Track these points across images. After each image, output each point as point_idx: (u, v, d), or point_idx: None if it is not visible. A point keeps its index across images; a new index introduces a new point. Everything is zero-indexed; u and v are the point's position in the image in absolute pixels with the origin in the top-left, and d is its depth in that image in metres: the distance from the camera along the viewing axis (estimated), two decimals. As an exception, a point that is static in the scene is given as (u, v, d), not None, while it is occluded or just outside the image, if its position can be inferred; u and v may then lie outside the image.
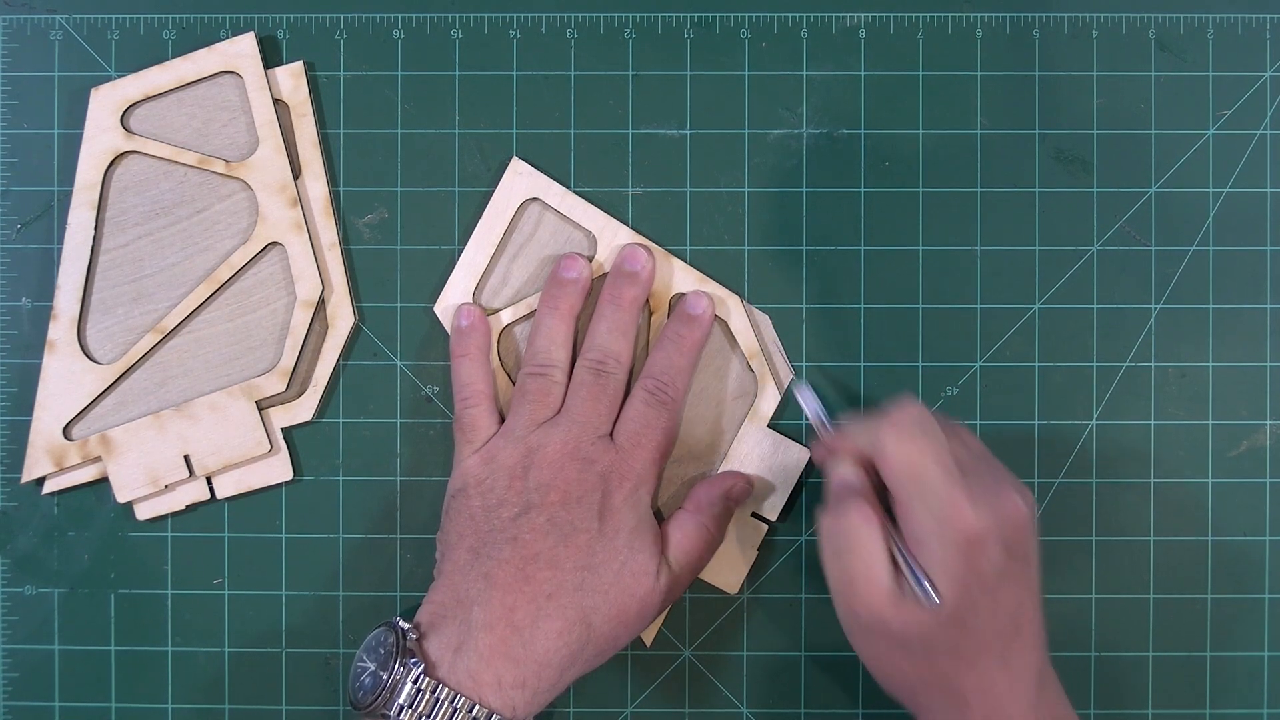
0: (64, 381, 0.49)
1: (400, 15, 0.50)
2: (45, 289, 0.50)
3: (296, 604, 0.50)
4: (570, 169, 0.50)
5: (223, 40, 0.50)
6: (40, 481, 0.49)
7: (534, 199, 0.50)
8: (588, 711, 0.50)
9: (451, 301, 0.50)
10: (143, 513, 0.49)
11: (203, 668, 0.50)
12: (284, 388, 0.49)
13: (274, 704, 0.50)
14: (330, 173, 0.50)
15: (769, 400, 0.49)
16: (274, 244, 0.49)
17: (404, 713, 0.41)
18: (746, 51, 0.50)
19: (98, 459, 0.49)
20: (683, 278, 0.50)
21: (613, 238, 0.49)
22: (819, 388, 0.49)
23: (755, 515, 0.49)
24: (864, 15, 0.50)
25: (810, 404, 0.47)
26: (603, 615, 0.44)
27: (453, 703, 0.41)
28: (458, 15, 0.50)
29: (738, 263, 0.50)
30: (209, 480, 0.49)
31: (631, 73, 0.50)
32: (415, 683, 0.41)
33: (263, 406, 0.49)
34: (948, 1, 0.50)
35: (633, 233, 0.50)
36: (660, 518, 0.48)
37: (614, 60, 0.50)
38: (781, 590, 0.50)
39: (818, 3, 0.50)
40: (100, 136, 0.49)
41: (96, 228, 0.49)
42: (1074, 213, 0.50)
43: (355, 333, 0.50)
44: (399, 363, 0.50)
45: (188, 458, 0.49)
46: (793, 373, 0.49)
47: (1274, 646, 0.50)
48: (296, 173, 0.50)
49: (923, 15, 0.50)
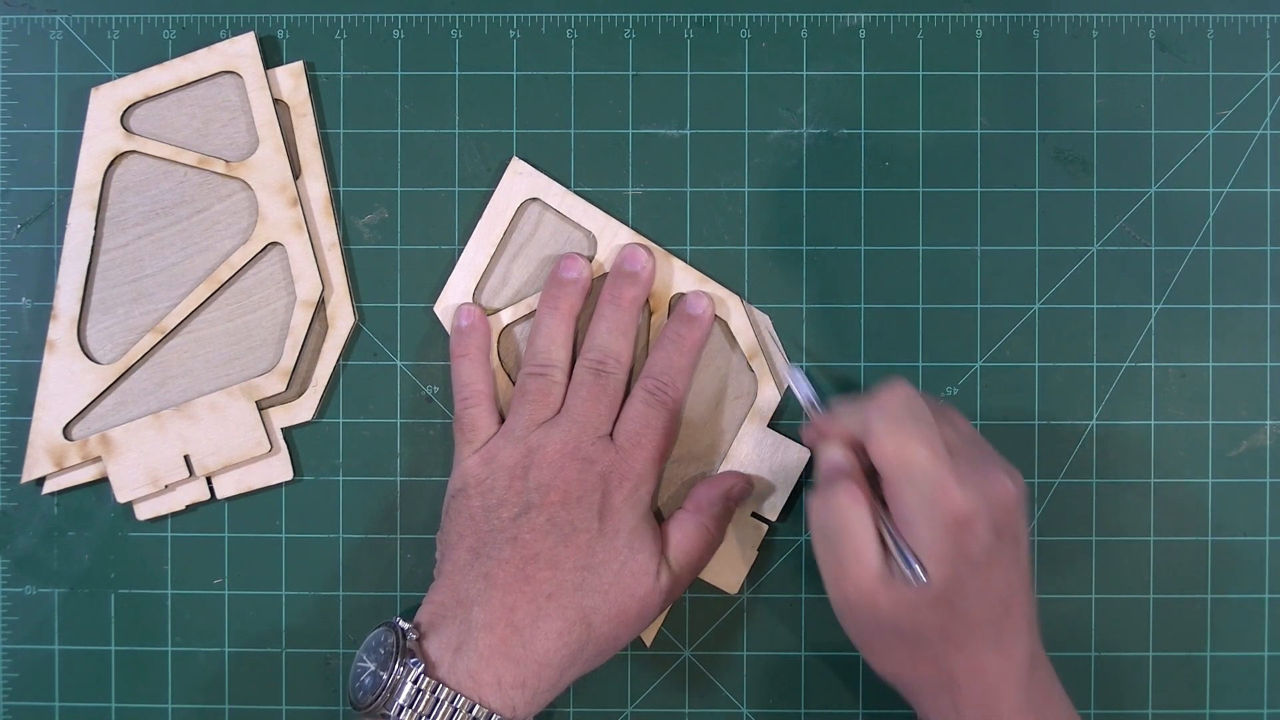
0: (64, 381, 0.49)
1: (400, 15, 0.50)
2: (45, 289, 0.50)
3: (296, 604, 0.50)
4: (570, 169, 0.50)
5: (223, 40, 0.50)
6: (40, 481, 0.49)
7: (534, 199, 0.50)
8: (588, 711, 0.50)
9: (451, 301, 0.50)
10: (143, 513, 0.49)
11: (203, 668, 0.50)
12: (284, 388, 0.49)
13: (274, 704, 0.50)
14: (330, 173, 0.50)
15: (769, 400, 0.49)
16: (274, 244, 0.49)
17: (404, 713, 0.41)
18: (746, 51, 0.50)
19: (98, 459, 0.49)
20: (683, 278, 0.50)
21: (613, 238, 0.49)
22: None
23: (755, 515, 0.49)
24: (864, 15, 0.50)
25: (801, 387, 0.47)
26: (603, 615, 0.44)
27: (453, 703, 0.41)
28: (458, 15, 0.50)
29: (738, 263, 0.50)
30: (209, 480, 0.49)
31: (631, 73, 0.50)
32: (415, 683, 0.41)
33: (263, 406, 0.49)
34: (948, 1, 0.50)
35: (633, 233, 0.50)
36: (660, 518, 0.48)
37: (614, 60, 0.50)
38: (781, 590, 0.50)
39: (818, 3, 0.50)
40: (100, 136, 0.49)
41: (96, 228, 0.49)
42: (1074, 213, 0.50)
43: (355, 333, 0.50)
44: (399, 363, 0.50)
45: (188, 458, 0.49)
46: (788, 361, 0.49)
47: (1274, 646, 0.49)
48: (296, 173, 0.50)
49: (923, 15, 0.50)
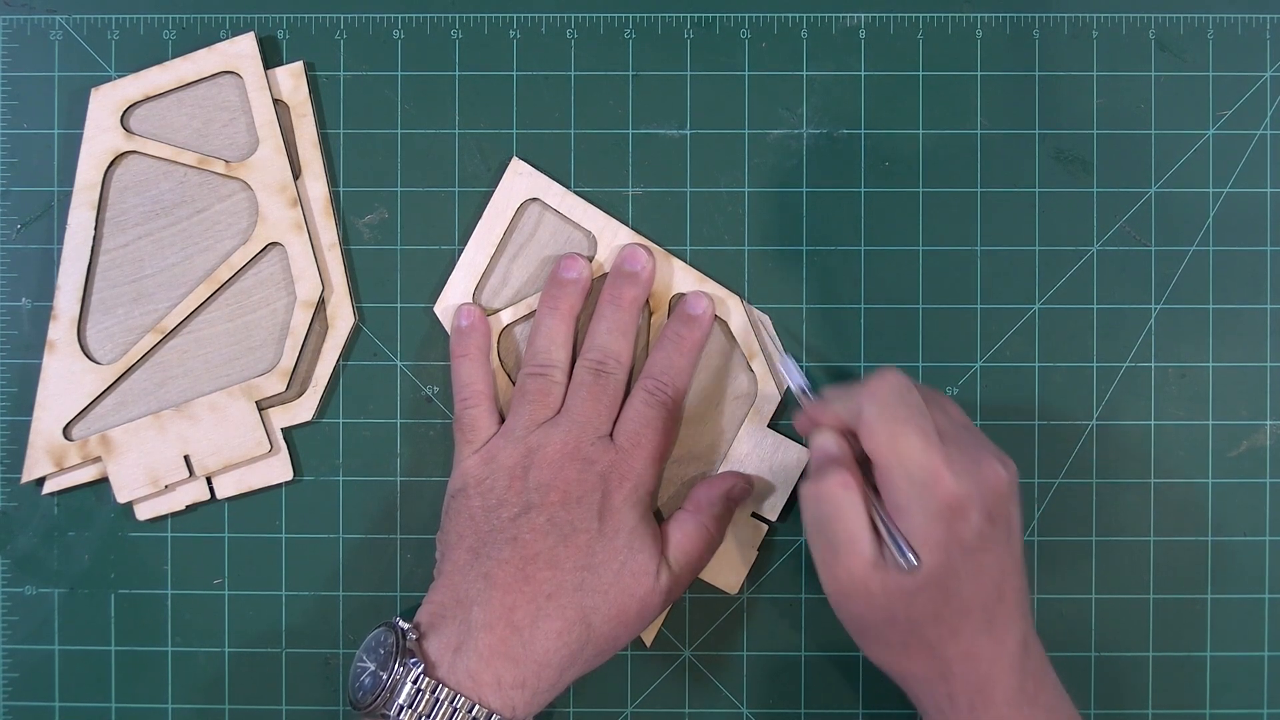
0: (64, 381, 0.49)
1: (400, 15, 0.50)
2: (45, 289, 0.50)
3: (296, 604, 0.50)
4: (570, 169, 0.50)
5: (223, 40, 0.50)
6: (40, 481, 0.49)
7: (534, 199, 0.50)
8: (588, 711, 0.50)
9: (451, 301, 0.50)
10: (143, 513, 0.49)
11: (203, 668, 0.50)
12: (284, 388, 0.49)
13: (274, 704, 0.50)
14: (330, 173, 0.50)
15: (769, 400, 0.49)
16: (274, 244, 0.49)
17: (404, 713, 0.41)
18: (746, 51, 0.50)
19: (98, 459, 0.49)
20: (683, 278, 0.50)
21: (613, 238, 0.49)
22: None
23: (755, 515, 0.49)
24: (864, 15, 0.50)
25: (794, 376, 0.47)
26: (602, 615, 0.44)
27: (452, 703, 0.41)
28: (458, 15, 0.50)
29: (738, 263, 0.50)
30: (209, 480, 0.49)
31: (631, 73, 0.50)
32: (415, 683, 0.41)
33: (263, 406, 0.49)
34: (948, 1, 0.50)
35: (633, 233, 0.50)
36: (660, 518, 0.48)
37: (614, 60, 0.50)
38: (781, 590, 0.50)
39: (818, 3, 0.50)
40: (100, 136, 0.49)
41: (96, 228, 0.49)
42: (1074, 213, 0.50)
43: (355, 333, 0.50)
44: (399, 363, 0.50)
45: (188, 458, 0.49)
46: (782, 351, 0.49)
47: (1274, 646, 0.49)
48: (296, 173, 0.50)
49: (923, 15, 0.50)
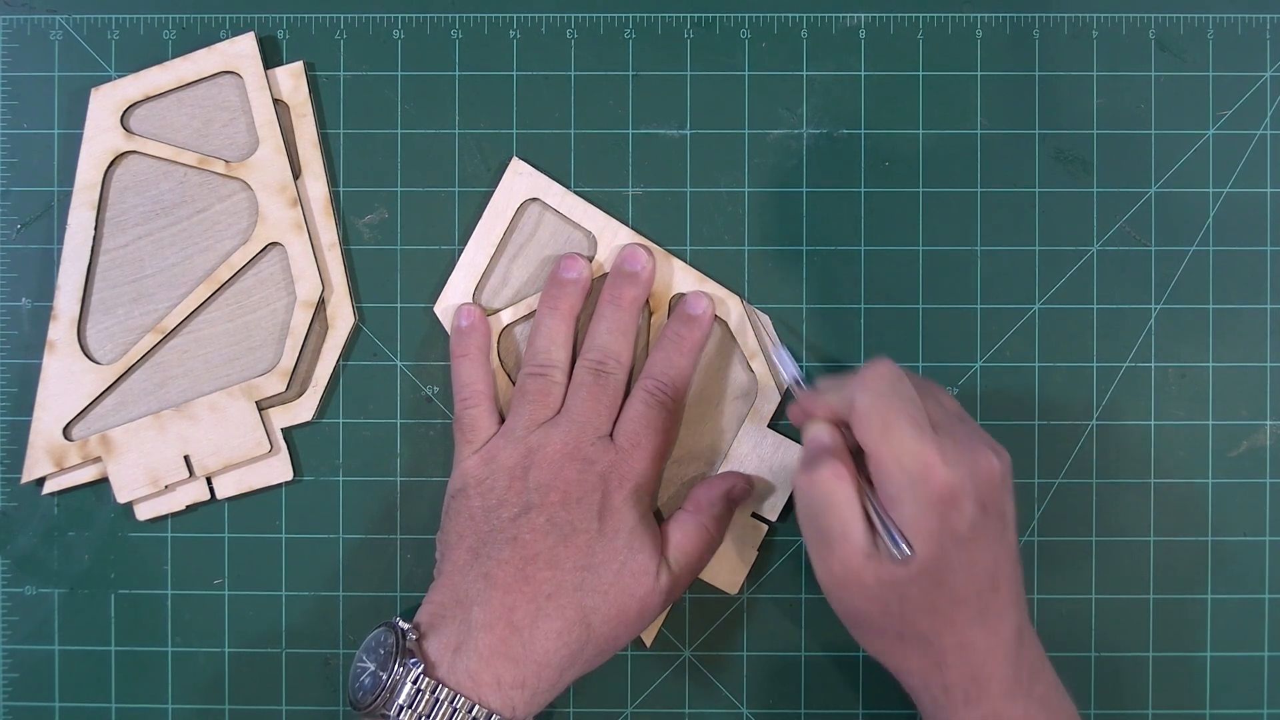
0: (64, 381, 0.49)
1: (400, 15, 0.50)
2: (45, 289, 0.50)
3: (296, 604, 0.50)
4: (570, 169, 0.50)
5: (223, 40, 0.50)
6: (40, 481, 0.49)
7: (534, 199, 0.50)
8: (588, 711, 0.50)
9: (451, 301, 0.50)
10: (143, 513, 0.49)
11: (203, 668, 0.50)
12: (284, 388, 0.49)
13: (274, 704, 0.50)
14: (330, 173, 0.50)
15: (769, 400, 0.49)
16: (274, 244, 0.49)
17: (404, 713, 0.41)
18: (746, 51, 0.50)
19: (98, 459, 0.49)
20: (683, 278, 0.50)
21: (613, 238, 0.49)
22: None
23: (755, 515, 0.49)
24: (864, 15, 0.50)
25: (788, 367, 0.47)
26: (602, 615, 0.44)
27: (452, 703, 0.41)
28: (458, 15, 0.50)
29: (738, 263, 0.50)
30: (209, 480, 0.49)
31: (631, 73, 0.50)
32: (415, 683, 0.41)
33: (263, 406, 0.49)
34: (948, 1, 0.50)
35: (633, 233, 0.50)
36: (660, 518, 0.48)
37: (614, 60, 0.50)
38: (781, 590, 0.50)
39: (818, 3, 0.50)
40: (100, 136, 0.49)
41: (96, 228, 0.49)
42: (1074, 213, 0.50)
43: (355, 333, 0.50)
44: (399, 363, 0.50)
45: (188, 458, 0.49)
46: (775, 342, 0.49)
47: (1274, 646, 0.49)
48: (296, 173, 0.50)
49: (923, 15, 0.50)
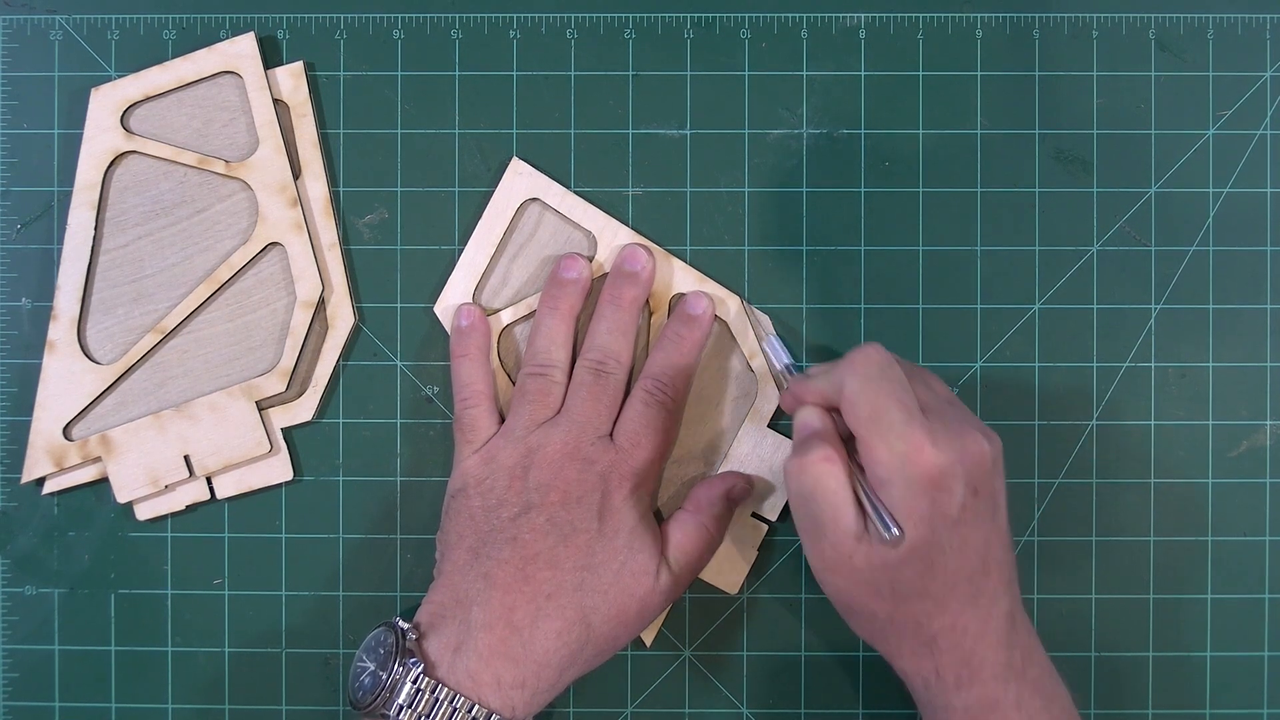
0: (64, 381, 0.49)
1: (400, 15, 0.50)
2: (45, 289, 0.50)
3: (296, 604, 0.50)
4: (570, 169, 0.50)
5: (223, 40, 0.50)
6: (40, 481, 0.49)
7: (534, 199, 0.50)
8: (588, 711, 0.50)
9: (451, 301, 0.50)
10: (143, 513, 0.49)
11: (203, 668, 0.50)
12: (284, 388, 0.49)
13: (274, 704, 0.50)
14: (330, 173, 0.50)
15: (769, 400, 0.49)
16: (274, 244, 0.49)
17: (403, 712, 0.41)
18: (746, 51, 0.50)
19: (98, 459, 0.49)
20: (683, 278, 0.50)
21: (613, 238, 0.49)
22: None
23: (755, 515, 0.49)
24: (864, 15, 0.50)
25: (779, 355, 0.47)
26: (602, 615, 0.44)
27: (452, 703, 0.41)
28: (458, 15, 0.50)
29: (738, 263, 0.50)
30: (209, 480, 0.49)
31: (631, 73, 0.50)
32: (414, 683, 0.41)
33: (263, 406, 0.49)
34: (948, 1, 0.50)
35: (633, 233, 0.50)
36: (660, 518, 0.48)
37: (614, 60, 0.50)
38: (781, 590, 0.50)
39: (818, 3, 0.50)
40: (100, 136, 0.49)
41: (96, 228, 0.49)
42: (1074, 213, 0.50)
43: (355, 333, 0.50)
44: (399, 363, 0.50)
45: (188, 458, 0.49)
46: (766, 331, 0.49)
47: (1274, 646, 0.49)
48: (296, 173, 0.50)
49: (923, 15, 0.50)
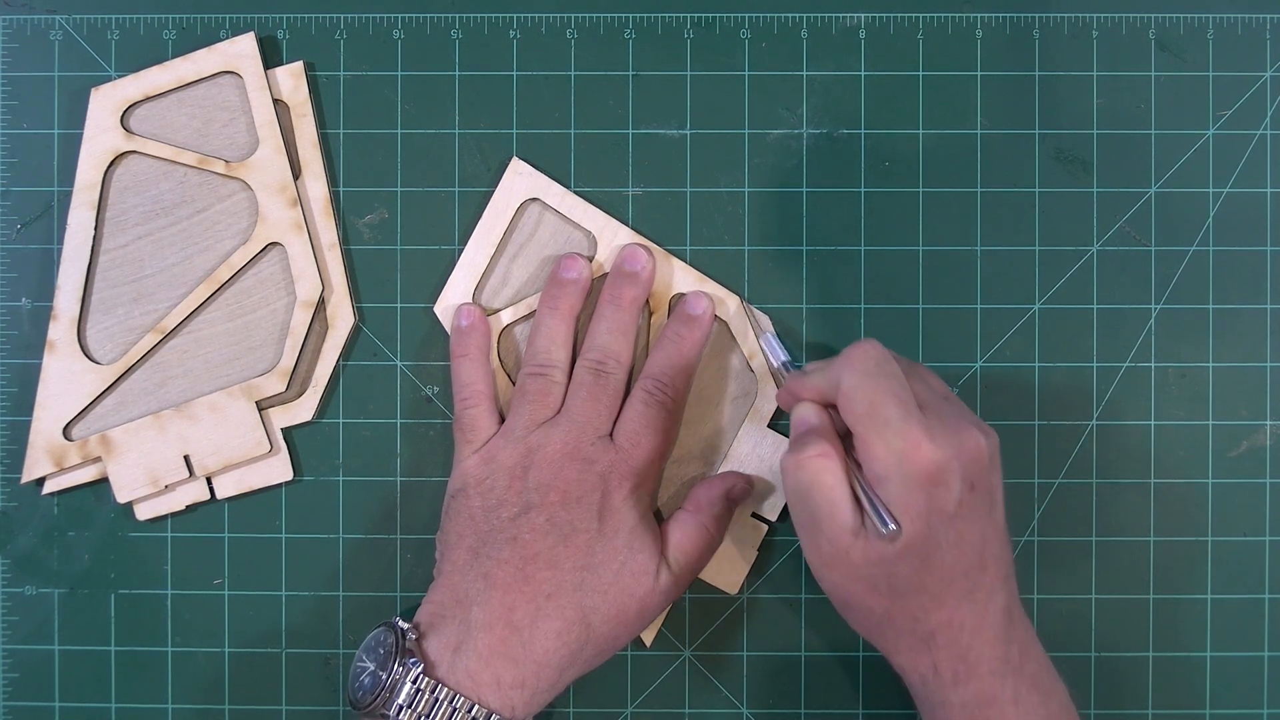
0: (64, 381, 0.49)
1: (400, 15, 0.50)
2: (45, 289, 0.50)
3: (296, 604, 0.50)
4: (570, 169, 0.50)
5: (223, 40, 0.50)
6: (40, 481, 0.49)
7: (534, 199, 0.50)
8: (588, 711, 0.50)
9: (451, 301, 0.50)
10: (143, 513, 0.49)
11: (203, 668, 0.50)
12: (284, 388, 0.49)
13: (274, 704, 0.50)
14: (330, 173, 0.50)
15: (769, 400, 0.49)
16: (274, 244, 0.49)
17: (403, 712, 0.41)
18: (746, 51, 0.50)
19: (98, 459, 0.49)
20: (683, 278, 0.50)
21: (613, 238, 0.49)
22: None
23: (755, 515, 0.49)
24: (864, 15, 0.50)
25: (776, 352, 0.47)
26: (602, 615, 0.44)
27: (452, 702, 0.41)
28: (458, 15, 0.50)
29: (738, 263, 0.50)
30: (209, 480, 0.49)
31: (631, 73, 0.50)
32: (414, 682, 0.41)
33: (263, 406, 0.49)
34: (948, 1, 0.50)
35: (633, 233, 0.50)
36: (660, 518, 0.48)
37: (614, 60, 0.50)
38: (781, 590, 0.50)
39: (818, 3, 0.50)
40: (100, 136, 0.49)
41: (96, 228, 0.49)
42: (1074, 213, 0.50)
43: (355, 333, 0.50)
44: (399, 363, 0.50)
45: (188, 458, 0.49)
46: (763, 328, 0.49)
47: (1274, 646, 0.49)
48: (296, 173, 0.50)
49: (923, 15, 0.50)
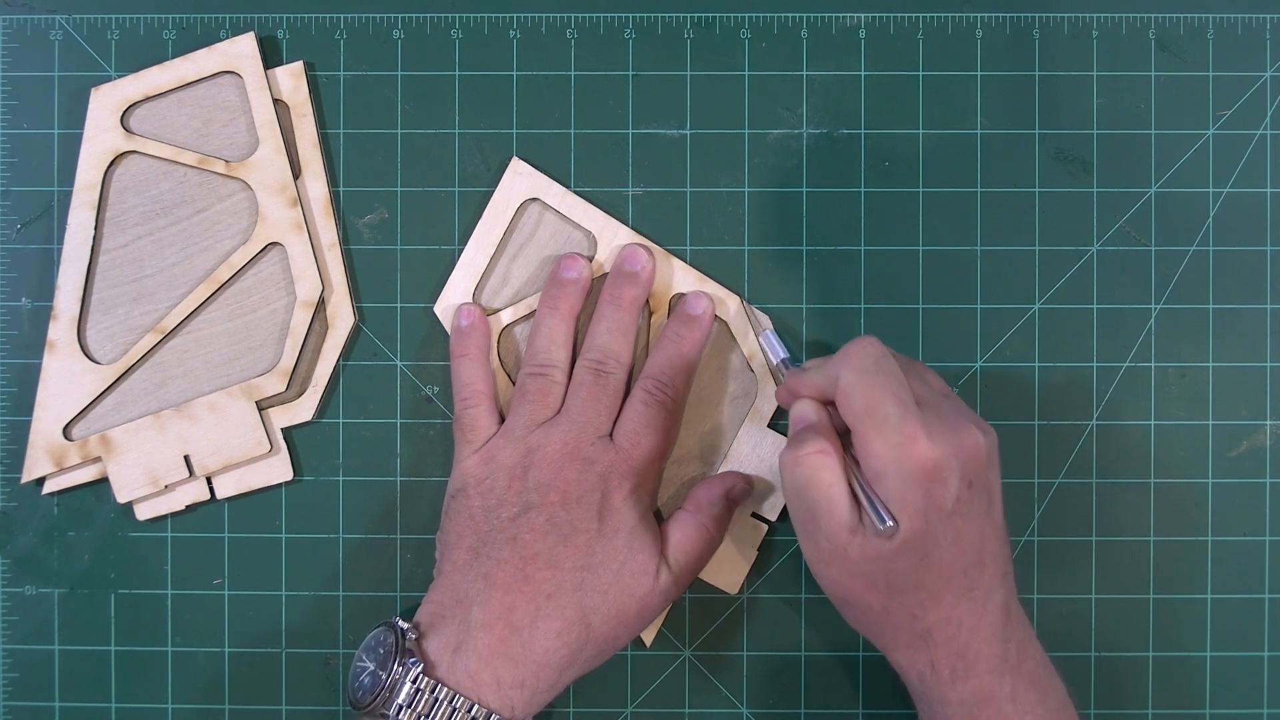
0: (64, 381, 0.49)
1: (400, 15, 0.50)
2: (45, 289, 0.50)
3: (296, 604, 0.50)
4: (570, 169, 0.50)
5: (223, 40, 0.50)
6: (40, 481, 0.49)
7: (534, 199, 0.50)
8: (588, 711, 0.50)
9: (451, 301, 0.50)
10: (143, 513, 0.49)
11: (203, 668, 0.50)
12: (284, 388, 0.49)
13: (274, 704, 0.50)
14: (330, 173, 0.50)
15: (769, 400, 0.49)
16: (274, 244, 0.49)
17: (403, 712, 0.41)
18: (746, 51, 0.50)
19: (98, 459, 0.49)
20: (683, 278, 0.50)
21: (613, 238, 0.49)
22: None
23: (755, 515, 0.49)
24: (864, 15, 0.50)
25: (775, 349, 0.47)
26: (602, 615, 0.44)
27: (451, 702, 0.41)
28: (458, 15, 0.50)
29: (738, 263, 0.50)
30: (209, 480, 0.49)
31: (631, 73, 0.50)
32: (414, 682, 0.41)
33: (263, 406, 0.49)
34: (948, 1, 0.50)
35: (633, 233, 0.50)
36: (660, 518, 0.48)
37: (614, 60, 0.50)
38: (781, 590, 0.50)
39: (818, 3, 0.50)
40: (100, 136, 0.49)
41: (96, 228, 0.49)
42: (1074, 213, 0.50)
43: (355, 333, 0.50)
44: (399, 363, 0.50)
45: (188, 458, 0.49)
46: (762, 326, 0.49)
47: (1274, 646, 0.49)
48: (296, 173, 0.50)
49: (923, 15, 0.50)
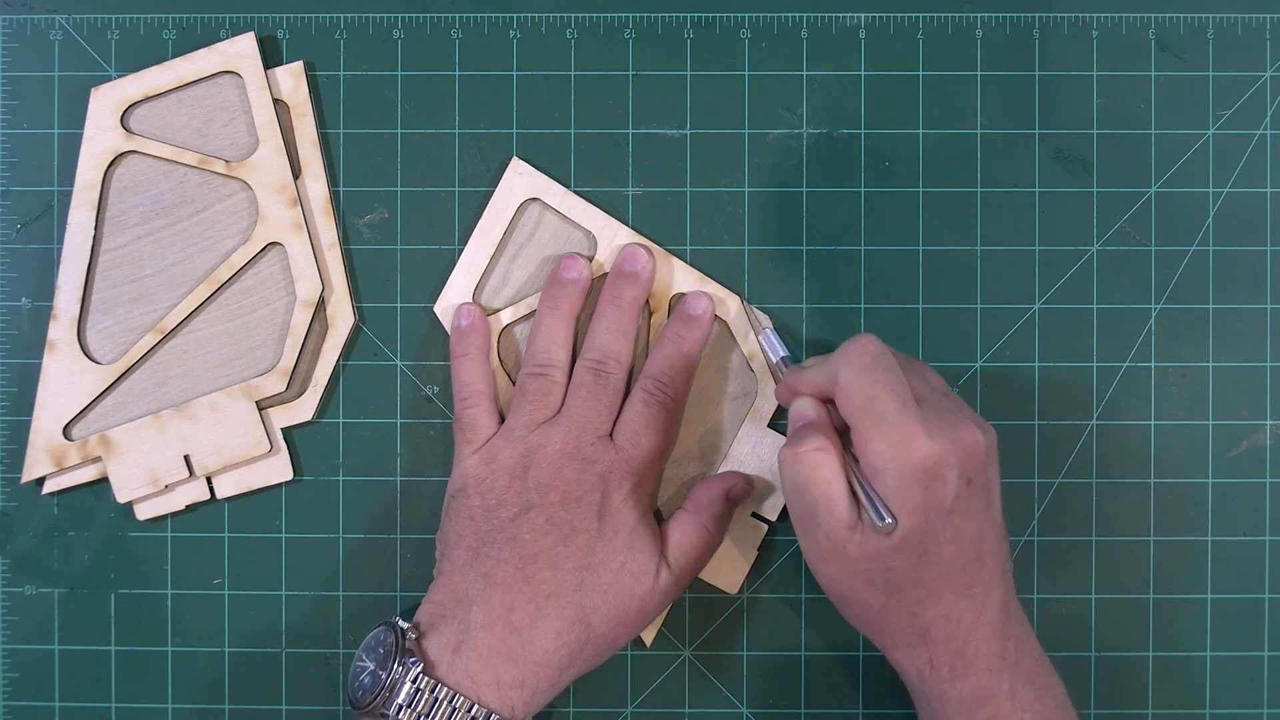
0: (64, 381, 0.49)
1: (400, 15, 0.50)
2: (45, 289, 0.50)
3: (296, 604, 0.50)
4: (570, 169, 0.50)
5: (223, 40, 0.50)
6: (40, 481, 0.49)
7: (534, 199, 0.50)
8: (588, 711, 0.50)
9: (451, 301, 0.50)
10: (143, 513, 0.49)
11: (203, 668, 0.50)
12: (284, 388, 0.49)
13: (274, 704, 0.50)
14: (330, 173, 0.50)
15: (769, 400, 0.49)
16: (274, 244, 0.49)
17: (403, 712, 0.41)
18: (746, 51, 0.50)
19: (98, 459, 0.49)
20: (683, 278, 0.50)
21: (613, 238, 0.49)
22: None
23: (755, 515, 0.49)
24: (864, 15, 0.50)
25: (775, 348, 0.47)
26: (602, 615, 0.44)
27: (451, 702, 0.41)
28: (458, 15, 0.50)
29: (738, 263, 0.50)
30: (209, 480, 0.49)
31: (631, 73, 0.50)
32: (414, 682, 0.41)
33: (263, 406, 0.49)
34: (948, 1, 0.50)
35: (633, 233, 0.50)
36: (660, 518, 0.48)
37: (614, 60, 0.50)
38: (781, 590, 0.50)
39: (818, 3, 0.50)
40: (100, 136, 0.49)
41: (96, 228, 0.49)
42: (1074, 213, 0.50)
43: (355, 333, 0.50)
44: (399, 363, 0.50)
45: (188, 458, 0.49)
46: (762, 325, 0.49)
47: (1274, 646, 0.49)
48: (296, 173, 0.50)
49: (923, 15, 0.50)
